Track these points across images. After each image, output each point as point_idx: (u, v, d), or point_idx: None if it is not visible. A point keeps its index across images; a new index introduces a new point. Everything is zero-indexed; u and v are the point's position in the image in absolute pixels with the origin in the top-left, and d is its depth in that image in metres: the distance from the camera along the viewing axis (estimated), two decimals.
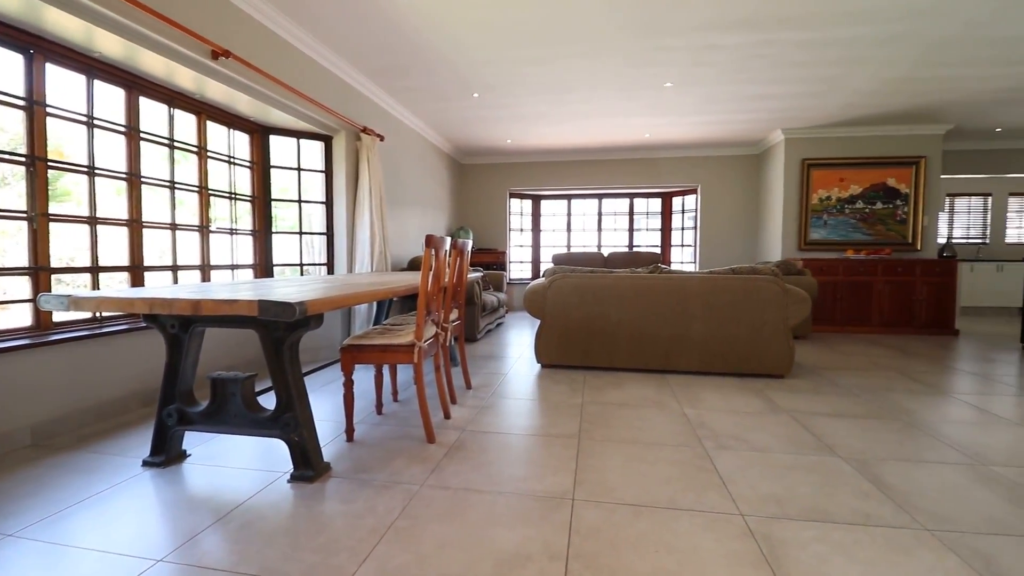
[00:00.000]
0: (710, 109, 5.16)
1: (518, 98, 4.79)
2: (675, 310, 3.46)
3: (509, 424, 2.49)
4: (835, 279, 5.54)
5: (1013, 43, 3.56)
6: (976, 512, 1.67)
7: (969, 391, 3.17)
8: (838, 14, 3.16)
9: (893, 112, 5.24)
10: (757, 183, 6.95)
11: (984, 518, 1.63)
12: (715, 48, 3.68)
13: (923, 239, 5.85)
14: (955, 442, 2.29)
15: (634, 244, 7.91)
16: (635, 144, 6.70)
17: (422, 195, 5.89)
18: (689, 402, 2.87)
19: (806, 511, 1.66)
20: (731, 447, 2.21)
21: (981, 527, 1.58)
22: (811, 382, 3.33)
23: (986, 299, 7.28)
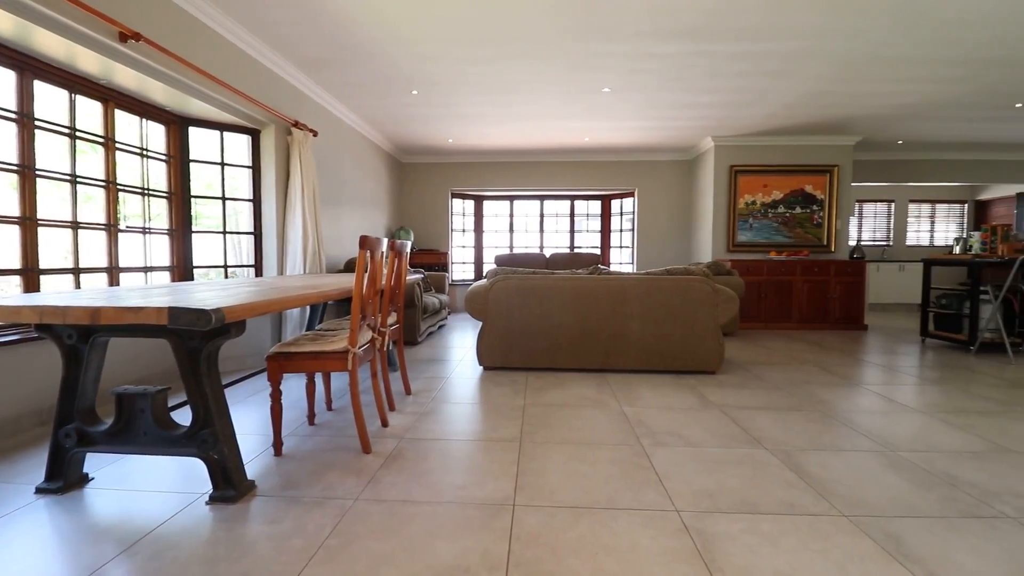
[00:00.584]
0: (646, 115, 5.33)
1: (459, 97, 4.73)
2: (614, 310, 3.53)
3: (450, 430, 2.43)
4: (760, 279, 5.88)
5: (911, 63, 3.91)
6: (886, 496, 1.80)
7: (877, 382, 3.44)
8: (761, 29, 3.33)
9: (810, 123, 5.63)
10: (690, 187, 7.26)
11: (893, 501, 1.76)
12: (651, 56, 3.79)
13: (836, 242, 6.32)
14: (867, 430, 2.47)
15: (575, 245, 8.05)
16: (576, 147, 6.81)
17: (360, 194, 5.69)
18: (628, 400, 2.93)
19: (736, 503, 1.73)
20: (667, 444, 2.27)
21: (891, 510, 1.70)
22: (739, 377, 3.50)
23: (890, 296, 7.99)
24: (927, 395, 3.11)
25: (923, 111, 5.17)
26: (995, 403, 2.94)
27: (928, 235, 8.82)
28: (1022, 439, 2.36)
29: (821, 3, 3.00)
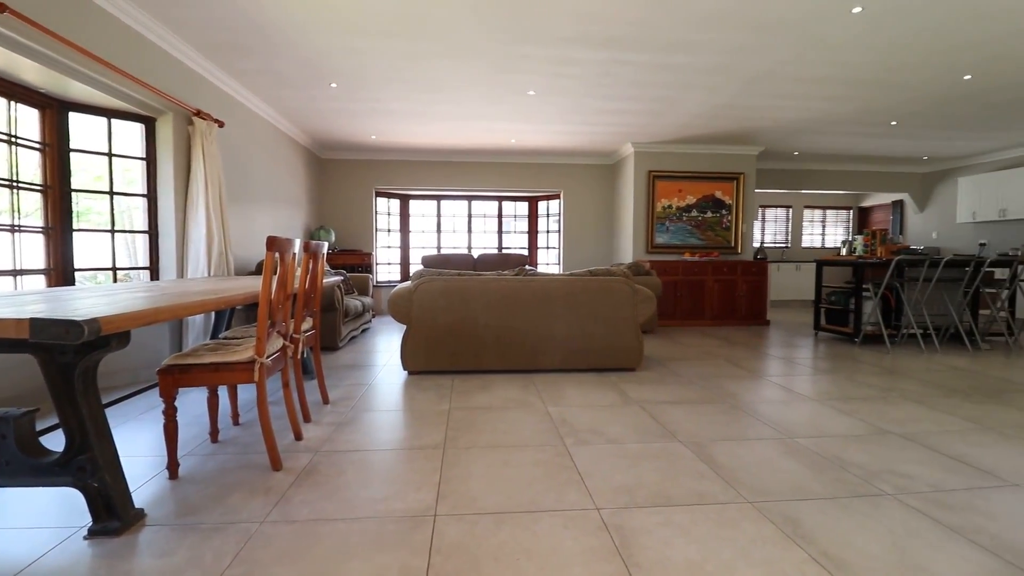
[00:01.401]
0: (570, 119, 5.45)
1: (382, 93, 4.58)
2: (540, 311, 3.56)
3: (370, 440, 2.33)
4: (676, 278, 6.21)
5: (805, 82, 4.28)
6: (786, 482, 1.94)
7: (778, 373, 3.73)
8: (676, 43, 3.50)
9: (720, 133, 6.03)
10: (612, 191, 7.53)
11: (792, 486, 1.90)
12: (574, 62, 3.86)
13: (743, 244, 6.82)
14: (769, 419, 2.67)
15: (504, 246, 8.08)
16: (503, 148, 6.83)
17: (274, 191, 5.35)
18: (553, 400, 2.97)
19: (653, 497, 1.79)
20: (590, 442, 2.31)
21: (789, 495, 1.83)
22: (657, 373, 3.66)
23: (789, 293, 8.74)
24: (819, 384, 3.42)
25: (815, 126, 5.69)
26: (876, 390, 3.28)
27: (820, 238, 9.75)
28: (897, 422, 2.65)
29: (739, 22, 3.20)
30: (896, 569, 1.40)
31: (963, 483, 1.93)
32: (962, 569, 1.40)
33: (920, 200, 8.27)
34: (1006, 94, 4.54)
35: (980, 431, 2.51)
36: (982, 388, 3.33)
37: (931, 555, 1.46)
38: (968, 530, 1.60)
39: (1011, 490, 1.88)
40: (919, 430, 2.51)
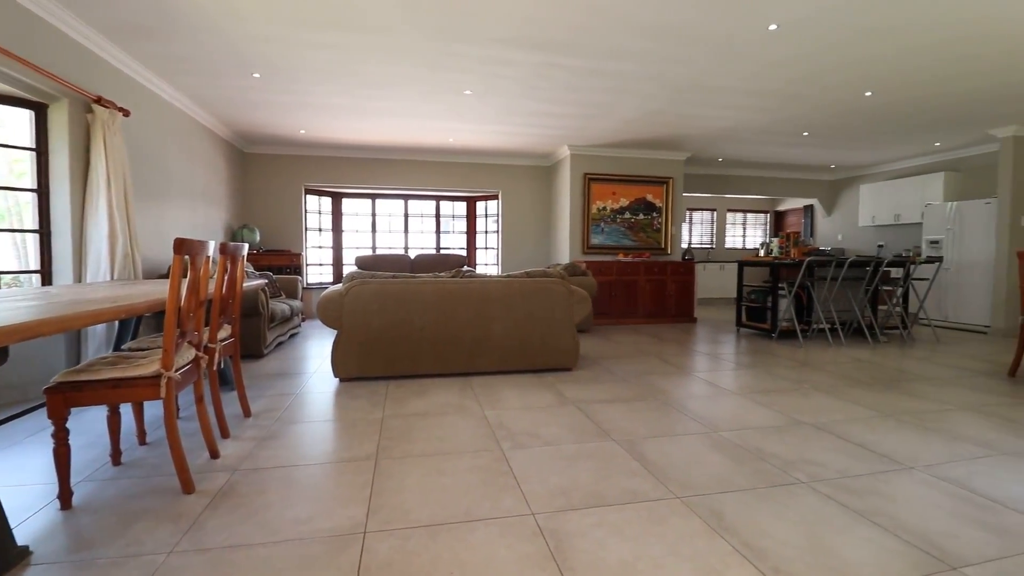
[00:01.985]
0: (507, 120, 5.45)
1: (309, 86, 4.36)
2: (477, 313, 3.53)
3: (296, 454, 2.20)
4: (610, 279, 6.38)
5: (729, 94, 4.52)
6: (711, 475, 2.02)
7: (704, 369, 3.92)
8: (610, 50, 3.58)
9: (651, 139, 6.25)
10: (550, 192, 7.62)
11: (717, 479, 1.98)
12: (510, 63, 3.86)
13: (672, 245, 7.12)
14: (696, 414, 2.78)
15: (442, 246, 7.97)
16: (440, 147, 6.74)
17: (191, 186, 4.97)
18: (490, 403, 2.94)
19: (587, 498, 1.81)
20: (526, 445, 2.31)
21: (714, 487, 1.91)
22: (593, 372, 3.73)
23: (714, 292, 9.24)
24: (742, 378, 3.62)
25: (736, 134, 6.04)
26: (791, 382, 3.52)
27: (742, 239, 10.39)
28: (809, 412, 2.85)
29: (669, 35, 3.31)
30: (808, 554, 1.49)
31: (866, 468, 2.10)
32: (865, 549, 1.52)
33: (828, 205, 9.00)
34: (901, 110, 5.02)
35: (880, 418, 2.75)
36: (881, 378, 3.66)
37: (839, 539, 1.57)
38: (871, 513, 1.73)
39: (907, 473, 2.06)
40: (829, 420, 2.72)
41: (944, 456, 2.23)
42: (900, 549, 1.52)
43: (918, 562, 1.46)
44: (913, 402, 3.06)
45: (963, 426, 2.63)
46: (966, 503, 1.81)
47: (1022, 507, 1.78)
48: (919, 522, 1.67)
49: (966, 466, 2.13)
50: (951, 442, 2.40)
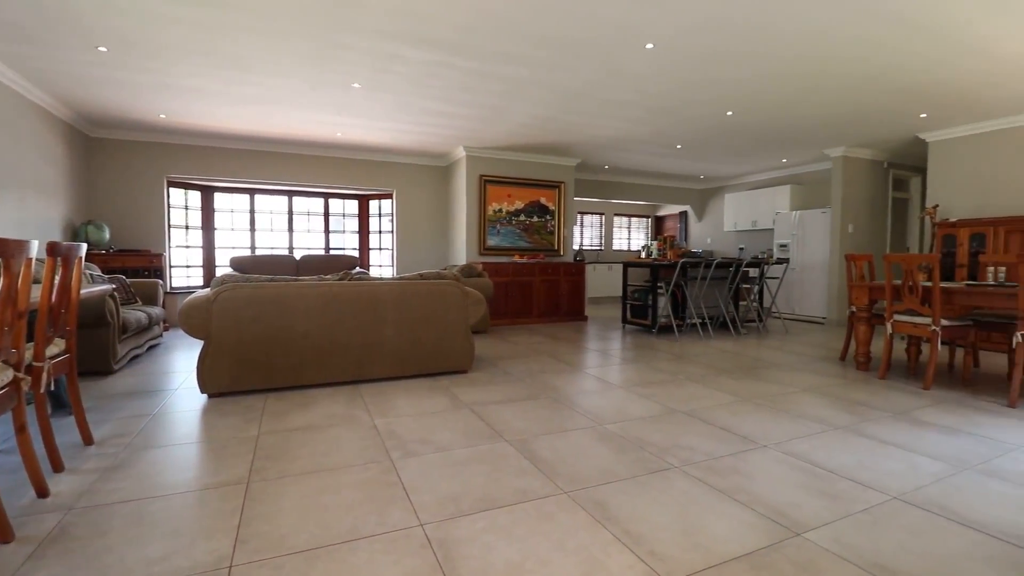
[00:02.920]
0: (399, 118, 5.30)
1: (169, 65, 3.87)
2: (367, 317, 3.37)
3: (148, 485, 1.93)
4: (507, 279, 6.48)
5: (612, 105, 4.80)
6: (595, 467, 2.11)
7: (593, 365, 4.12)
8: (499, 53, 3.62)
9: (544, 144, 6.45)
10: (446, 193, 7.55)
11: (601, 471, 2.08)
12: (400, 59, 3.74)
13: (564, 246, 7.42)
14: (584, 409, 2.90)
15: (332, 246, 7.55)
16: (329, 142, 6.37)
17: (16, 176, 4.18)
18: (381, 412, 2.82)
19: (478, 502, 1.79)
20: (418, 453, 2.24)
21: (598, 479, 2.00)
22: (488, 374, 3.75)
23: (603, 291, 9.78)
24: (626, 372, 3.85)
25: (620, 144, 6.44)
26: (667, 374, 3.82)
27: (627, 242, 11.12)
28: (683, 401, 3.10)
29: (554, 43, 3.40)
30: (680, 534, 1.61)
31: (729, 450, 2.33)
32: (728, 525, 1.67)
33: (699, 211, 9.95)
34: (756, 129, 5.68)
35: (740, 403, 3.07)
36: (742, 366, 4.10)
37: (706, 517, 1.72)
38: (733, 490, 1.92)
39: (761, 451, 2.32)
40: (699, 407, 2.98)
41: (791, 434, 2.55)
42: (756, 522, 1.70)
43: (770, 531, 1.63)
44: (767, 387, 3.46)
45: (805, 406, 3.03)
46: (808, 475, 2.07)
47: (850, 474, 2.08)
48: (771, 495, 1.89)
49: (808, 441, 2.45)
50: (796, 420, 2.75)
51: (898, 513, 1.76)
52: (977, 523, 1.69)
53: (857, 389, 3.42)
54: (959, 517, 1.73)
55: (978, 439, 2.49)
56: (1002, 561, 1.48)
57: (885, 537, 1.61)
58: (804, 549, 1.54)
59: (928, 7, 2.92)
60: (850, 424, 2.70)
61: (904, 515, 1.75)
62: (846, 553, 1.51)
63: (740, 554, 1.51)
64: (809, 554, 1.51)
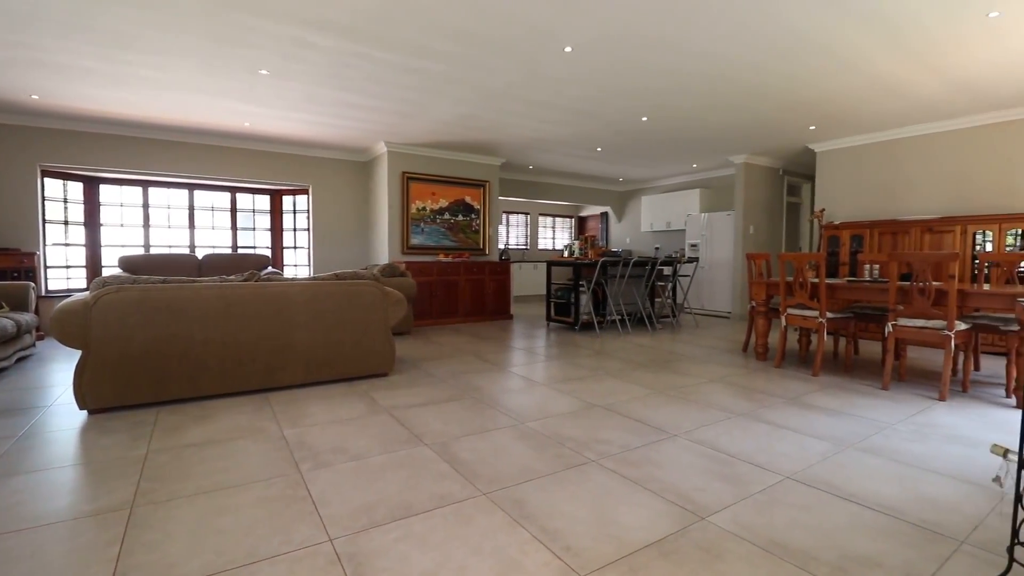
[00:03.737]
0: (313, 109, 5.03)
1: (40, 39, 3.41)
2: (277, 320, 3.16)
3: (7, 518, 1.67)
4: (431, 279, 6.37)
5: (535, 106, 4.85)
6: (516, 466, 2.11)
7: (517, 363, 4.14)
8: (418, 46, 3.53)
9: (468, 142, 6.40)
10: (367, 189, 7.29)
11: (520, 469, 2.08)
12: (310, 46, 3.54)
13: (490, 245, 7.42)
14: (507, 408, 2.90)
15: (240, 245, 7.03)
16: (236, 132, 5.91)
17: None
18: (292, 421, 2.65)
19: (393, 511, 1.73)
20: (330, 463, 2.12)
21: (518, 478, 2.00)
22: (410, 376, 3.65)
23: (529, 289, 9.91)
24: (548, 369, 3.91)
25: (543, 145, 6.54)
26: (587, 370, 3.92)
27: (552, 241, 11.35)
28: (601, 395, 3.19)
29: (471, 39, 3.36)
30: (595, 527, 1.64)
31: (643, 441, 2.42)
32: (640, 514, 1.73)
33: (619, 212, 10.35)
34: (669, 136, 5.99)
35: (655, 395, 3.21)
36: (656, 360, 4.31)
37: (620, 508, 1.77)
38: (645, 480, 1.99)
39: (672, 440, 2.43)
40: (616, 400, 3.08)
41: (699, 422, 2.70)
42: (665, 509, 1.77)
43: (678, 517, 1.71)
44: (679, 379, 3.65)
45: (712, 395, 3.22)
46: (713, 460, 2.20)
47: (749, 458, 2.23)
48: (680, 482, 1.98)
49: (713, 429, 2.60)
50: (703, 410, 2.92)
51: (790, 492, 1.91)
52: (857, 496, 1.88)
53: (756, 378, 3.70)
54: (842, 492, 1.91)
55: (857, 419, 2.77)
56: (877, 530, 1.65)
57: (779, 515, 1.73)
58: (708, 532, 1.62)
59: (815, 26, 3.21)
60: (750, 411, 2.91)
61: (795, 493, 1.90)
62: (745, 533, 1.62)
63: (651, 541, 1.56)
64: (712, 536, 1.59)
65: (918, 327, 3.31)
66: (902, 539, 1.59)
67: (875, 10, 2.99)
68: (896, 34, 3.30)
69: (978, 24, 3.13)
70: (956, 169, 5.21)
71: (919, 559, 1.48)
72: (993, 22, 3.09)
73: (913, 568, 1.44)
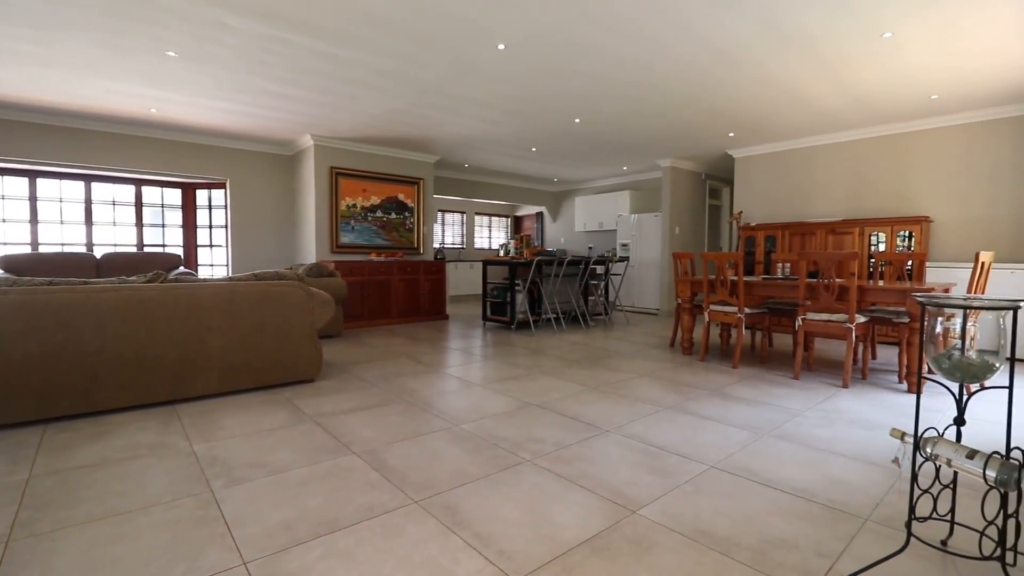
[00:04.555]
0: (230, 97, 4.68)
1: None
2: (186, 325, 2.90)
3: None
4: (363, 279, 6.14)
5: (469, 104, 4.78)
6: (449, 470, 2.05)
7: (452, 364, 4.07)
8: (344, 34, 3.36)
9: (401, 138, 6.22)
10: (292, 185, 6.91)
11: (453, 474, 2.02)
12: (226, 28, 3.28)
13: (424, 244, 7.27)
14: (441, 411, 2.83)
15: (146, 243, 6.43)
16: (141, 119, 5.39)
17: None
18: (203, 435, 2.44)
19: (316, 527, 1.62)
20: (247, 479, 1.96)
21: (451, 482, 1.94)
22: (338, 381, 3.48)
23: (465, 289, 9.83)
24: (484, 370, 3.87)
25: (477, 143, 6.49)
26: (523, 368, 3.92)
27: (488, 240, 11.32)
28: (536, 394, 3.20)
29: (400, 29, 3.25)
30: (528, 528, 1.62)
31: (576, 438, 2.44)
32: (574, 512, 1.73)
33: (554, 212, 10.51)
34: (600, 138, 6.14)
35: (588, 391, 3.26)
36: (590, 357, 4.39)
37: (554, 507, 1.76)
38: (578, 477, 2.00)
39: (604, 436, 2.47)
40: (550, 398, 3.09)
41: (629, 416, 2.76)
42: (598, 505, 1.78)
43: (610, 513, 1.72)
44: (611, 374, 3.74)
45: (642, 390, 3.32)
46: (643, 454, 2.25)
47: (676, 449, 2.31)
48: (612, 477, 2.00)
49: (643, 422, 2.67)
50: (634, 404, 3.00)
51: (714, 480, 1.99)
52: (773, 481, 1.98)
53: (683, 371, 3.86)
54: (760, 478, 2.01)
55: (773, 408, 2.95)
56: (792, 512, 1.75)
57: (704, 504, 1.80)
58: (639, 525, 1.65)
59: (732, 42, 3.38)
60: (677, 403, 3.02)
61: (718, 481, 1.98)
62: (673, 523, 1.66)
63: (584, 539, 1.56)
64: (643, 529, 1.62)
65: (824, 320, 3.58)
66: (814, 520, 1.69)
67: (785, 29, 3.20)
68: (804, 52, 3.56)
69: (873, 44, 3.43)
70: (855, 176, 5.72)
71: (829, 538, 1.58)
72: (886, 42, 3.40)
73: (824, 547, 1.53)
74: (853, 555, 1.49)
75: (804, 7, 2.97)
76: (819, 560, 1.47)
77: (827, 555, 1.49)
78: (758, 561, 1.46)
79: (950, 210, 5.06)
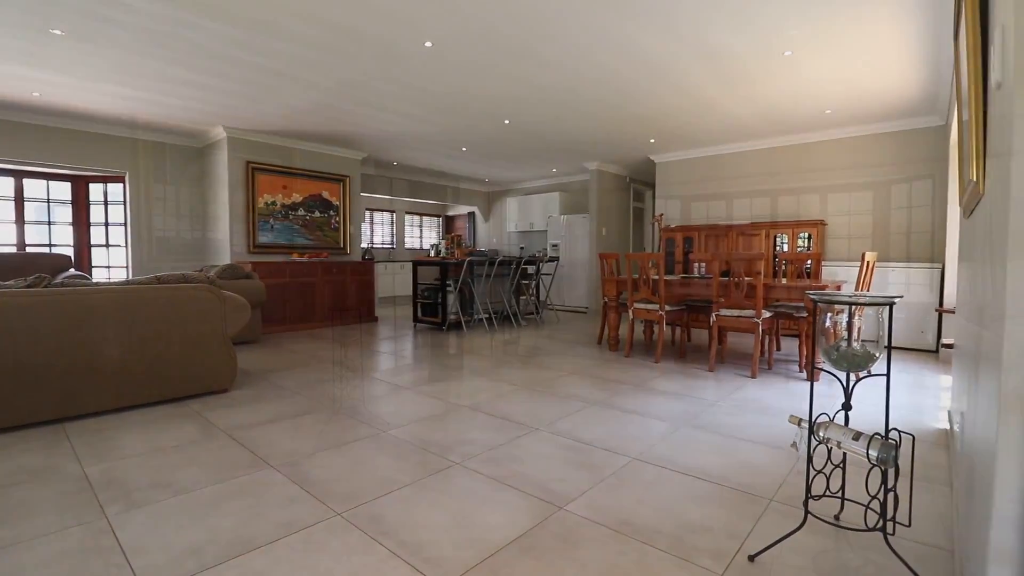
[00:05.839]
0: (130, 82, 4.26)
1: None
2: (75, 335, 2.60)
3: None
4: (283, 281, 5.83)
5: (396, 100, 4.66)
6: (374, 479, 1.99)
7: (381, 368, 3.95)
8: (260, 22, 3.16)
9: (325, 133, 5.96)
10: (203, 179, 6.41)
11: (379, 482, 1.96)
12: (129, 9, 2.98)
13: (351, 244, 7.02)
14: (367, 417, 2.74)
15: (29, 243, 5.72)
16: (22, 103, 4.78)
17: None
18: (97, 456, 2.20)
19: (227, 549, 1.51)
20: (148, 501, 1.79)
21: (377, 491, 1.88)
22: (255, 390, 3.27)
23: (395, 290, 9.60)
24: (414, 372, 3.80)
25: (406, 140, 6.35)
26: (454, 370, 3.89)
27: (419, 240, 11.13)
28: (467, 395, 3.18)
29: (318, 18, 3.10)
30: (456, 532, 1.60)
31: (506, 438, 2.45)
32: (502, 512, 1.73)
33: (485, 213, 10.52)
34: (529, 140, 6.21)
35: (519, 390, 3.29)
36: (521, 356, 4.43)
37: (482, 509, 1.75)
38: (507, 477, 2.01)
39: (534, 434, 2.50)
40: (481, 399, 3.09)
41: (559, 414, 2.82)
42: (526, 504, 1.80)
43: (538, 511, 1.75)
44: (542, 372, 3.79)
45: (571, 386, 3.40)
46: (570, 450, 2.30)
47: (603, 444, 2.38)
48: (540, 475, 2.03)
49: (571, 419, 2.73)
50: (563, 401, 3.06)
51: (637, 472, 2.07)
52: (690, 469, 2.10)
53: (609, 367, 3.99)
54: (678, 467, 2.12)
55: (690, 399, 3.13)
56: (706, 498, 1.85)
57: (627, 495, 1.86)
58: (566, 521, 1.68)
59: (652, 53, 3.54)
60: (604, 399, 3.12)
61: (641, 472, 2.06)
62: (598, 516, 1.71)
63: (512, 539, 1.57)
64: (570, 525, 1.65)
65: (735, 316, 3.85)
66: (726, 503, 1.81)
67: (695, 45, 3.40)
68: (715, 67, 3.80)
69: (776, 61, 3.73)
70: (763, 182, 6.19)
71: (739, 519, 1.70)
72: (787, 60, 3.70)
73: (735, 528, 1.64)
74: (759, 535, 1.60)
75: (709, 25, 3.17)
76: (730, 542, 1.57)
77: (737, 536, 1.60)
78: (676, 547, 1.53)
79: (841, 214, 5.61)
